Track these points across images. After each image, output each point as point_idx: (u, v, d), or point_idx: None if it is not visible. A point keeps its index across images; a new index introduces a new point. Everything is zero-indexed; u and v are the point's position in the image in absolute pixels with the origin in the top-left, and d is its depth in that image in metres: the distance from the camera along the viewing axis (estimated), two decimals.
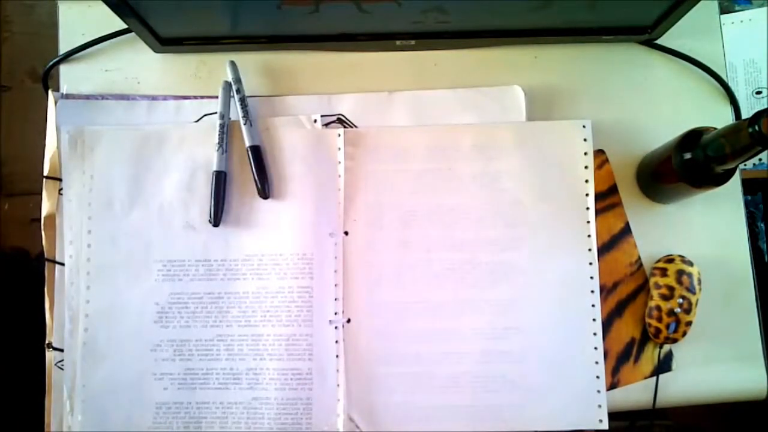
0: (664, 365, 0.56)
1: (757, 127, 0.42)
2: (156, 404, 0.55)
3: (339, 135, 0.58)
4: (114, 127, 0.58)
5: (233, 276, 0.56)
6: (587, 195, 0.57)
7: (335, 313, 0.55)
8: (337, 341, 0.55)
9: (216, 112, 0.58)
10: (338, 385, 0.54)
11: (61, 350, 0.56)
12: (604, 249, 0.57)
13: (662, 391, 0.56)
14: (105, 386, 0.55)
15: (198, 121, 0.59)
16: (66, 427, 0.55)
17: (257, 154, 0.56)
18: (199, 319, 0.56)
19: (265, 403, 0.54)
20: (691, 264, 0.55)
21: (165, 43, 0.58)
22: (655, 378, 0.56)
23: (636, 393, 0.56)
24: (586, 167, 0.57)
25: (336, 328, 0.55)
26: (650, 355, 0.56)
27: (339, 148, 0.57)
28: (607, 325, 0.56)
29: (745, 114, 0.54)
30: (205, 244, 0.57)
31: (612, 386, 0.55)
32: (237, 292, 0.56)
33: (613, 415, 0.54)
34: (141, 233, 0.57)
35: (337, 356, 0.55)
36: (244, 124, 0.57)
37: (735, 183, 0.58)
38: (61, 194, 0.58)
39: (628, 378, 0.56)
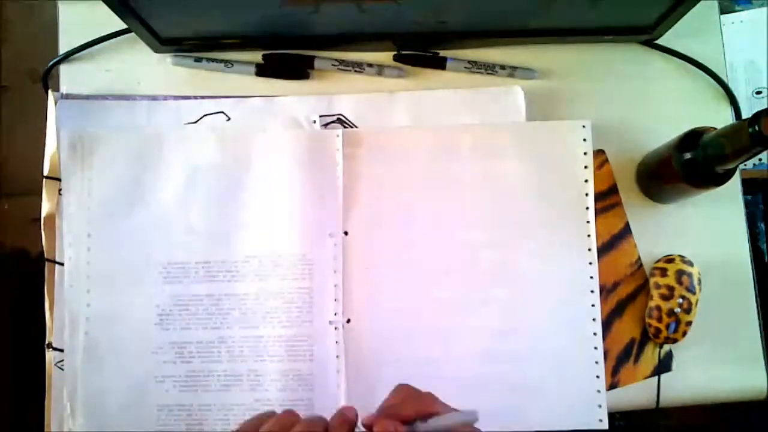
0: (664, 365, 0.56)
1: (757, 127, 0.42)
2: (158, 406, 0.55)
3: (338, 136, 0.58)
4: (113, 130, 0.58)
5: (233, 278, 0.56)
6: (587, 195, 0.57)
7: (335, 314, 0.55)
8: (337, 342, 0.55)
9: (215, 112, 0.58)
10: (339, 386, 0.54)
11: (61, 350, 0.56)
12: (604, 249, 0.57)
13: (662, 391, 0.56)
14: (106, 389, 0.55)
15: (197, 121, 0.59)
16: (66, 429, 0.55)
17: None
18: (200, 321, 0.56)
19: (267, 405, 0.54)
20: (691, 264, 0.55)
21: (165, 43, 0.58)
22: (654, 378, 0.56)
23: (636, 393, 0.56)
24: (585, 167, 0.57)
25: (336, 328, 0.55)
26: (650, 356, 0.56)
27: (338, 149, 0.57)
28: (607, 325, 0.56)
29: (745, 114, 0.54)
30: (205, 246, 0.56)
31: (612, 386, 0.55)
32: (237, 293, 0.56)
33: (614, 415, 0.54)
34: (141, 236, 0.57)
35: (337, 357, 0.55)
36: None
37: (735, 183, 0.58)
38: (61, 194, 0.58)
39: (628, 378, 0.56)
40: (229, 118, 0.59)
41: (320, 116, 0.59)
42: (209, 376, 0.55)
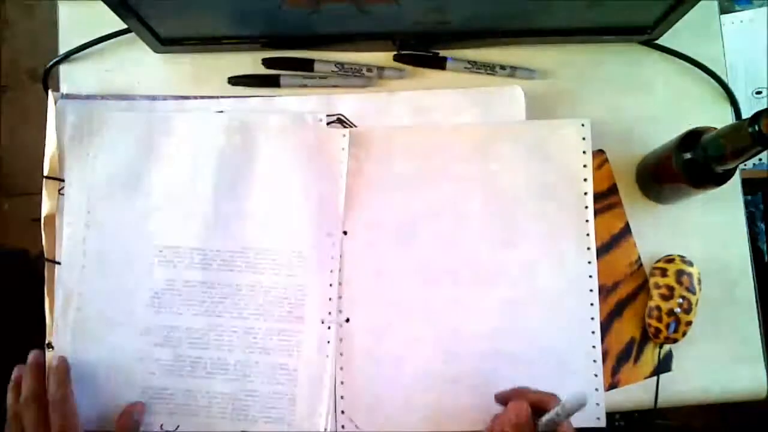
0: (664, 365, 0.56)
1: (757, 127, 0.42)
2: (142, 388, 0.55)
3: (344, 135, 0.57)
4: (121, 112, 0.58)
5: (228, 267, 0.56)
6: (586, 194, 0.57)
7: (329, 313, 0.55)
8: (329, 341, 0.55)
9: (215, 112, 0.58)
10: (325, 385, 0.54)
11: None
12: (604, 249, 0.57)
13: (662, 391, 0.56)
14: (94, 367, 0.55)
15: None
16: None
17: None
18: (191, 307, 0.56)
19: (251, 395, 0.54)
20: (691, 264, 0.55)
21: (165, 43, 0.58)
22: (654, 378, 0.56)
23: (636, 393, 0.56)
24: (584, 166, 0.57)
25: (329, 328, 0.55)
26: (650, 356, 0.56)
27: (343, 149, 0.57)
28: (607, 325, 0.56)
29: (745, 114, 0.54)
30: (203, 232, 0.56)
31: (612, 386, 0.55)
32: (231, 283, 0.56)
33: (614, 415, 0.54)
34: (140, 217, 0.57)
35: (327, 356, 0.55)
36: None
37: (735, 183, 0.58)
38: (61, 194, 0.58)
39: (628, 378, 0.56)
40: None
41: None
42: (196, 362, 0.55)
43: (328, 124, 0.59)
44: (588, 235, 0.56)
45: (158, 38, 0.58)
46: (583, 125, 0.57)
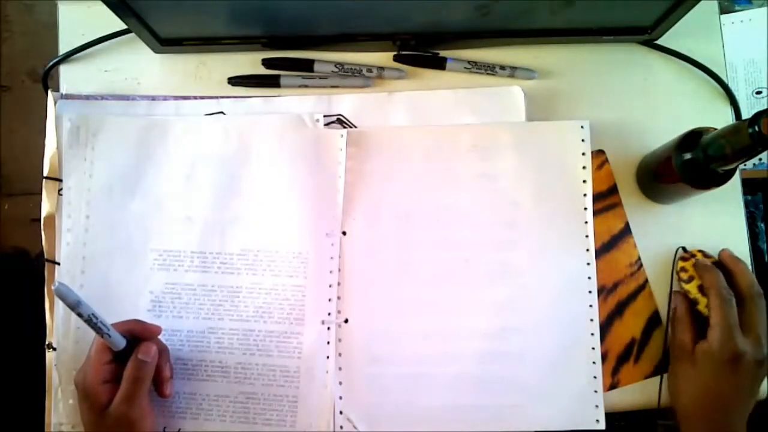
0: (664, 365, 0.56)
1: (757, 128, 0.42)
2: None
3: (342, 136, 0.57)
4: (118, 116, 0.59)
5: (227, 270, 0.56)
6: (585, 195, 0.57)
7: (329, 314, 0.55)
8: (329, 342, 0.55)
9: (215, 112, 0.58)
10: (326, 386, 0.54)
11: None
12: (604, 249, 0.57)
13: (662, 391, 0.55)
14: None
15: None
16: (56, 409, 0.55)
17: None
18: (192, 310, 0.56)
19: (252, 398, 0.54)
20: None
21: (165, 43, 0.58)
22: (654, 378, 0.55)
23: (636, 393, 0.56)
24: (584, 167, 0.57)
25: (329, 328, 0.55)
26: (650, 355, 0.56)
27: (341, 149, 0.57)
28: (607, 325, 0.56)
29: (745, 114, 0.54)
30: (202, 236, 0.57)
31: (612, 386, 0.55)
32: (231, 286, 0.56)
33: (614, 416, 0.54)
34: (139, 221, 0.57)
35: (327, 357, 0.55)
36: (102, 338, 0.49)
37: (735, 183, 0.58)
38: (61, 194, 0.58)
39: (629, 378, 0.56)
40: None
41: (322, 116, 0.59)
42: (197, 365, 0.55)
43: (327, 124, 0.59)
44: (587, 236, 0.56)
45: (158, 38, 0.58)
46: (582, 127, 0.57)
